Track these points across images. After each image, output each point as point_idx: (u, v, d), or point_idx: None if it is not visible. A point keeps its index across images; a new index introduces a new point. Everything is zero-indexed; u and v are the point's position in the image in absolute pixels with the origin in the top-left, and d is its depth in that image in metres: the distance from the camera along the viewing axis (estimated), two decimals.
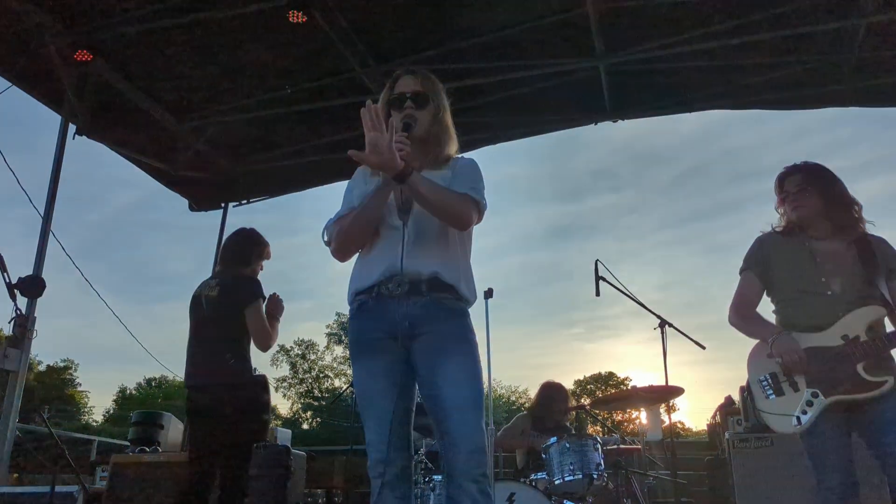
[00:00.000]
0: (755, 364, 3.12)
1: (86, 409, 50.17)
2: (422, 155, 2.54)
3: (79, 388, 51.13)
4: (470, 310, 2.54)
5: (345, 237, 2.48)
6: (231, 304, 4.21)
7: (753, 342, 3.18)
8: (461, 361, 2.35)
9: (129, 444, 6.75)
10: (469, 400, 2.31)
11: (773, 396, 3.00)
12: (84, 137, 5.87)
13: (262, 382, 4.25)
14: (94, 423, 43.73)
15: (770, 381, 3.03)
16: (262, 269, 4.50)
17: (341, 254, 2.52)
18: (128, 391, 50.05)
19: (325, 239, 2.54)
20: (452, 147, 2.63)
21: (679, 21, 5.62)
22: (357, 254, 2.56)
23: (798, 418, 2.90)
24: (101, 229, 68.99)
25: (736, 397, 5.45)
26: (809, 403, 2.90)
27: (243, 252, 4.44)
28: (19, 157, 5.45)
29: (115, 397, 50.13)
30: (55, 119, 5.66)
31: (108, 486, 5.27)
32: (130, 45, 5.58)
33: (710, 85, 6.38)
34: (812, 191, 3.17)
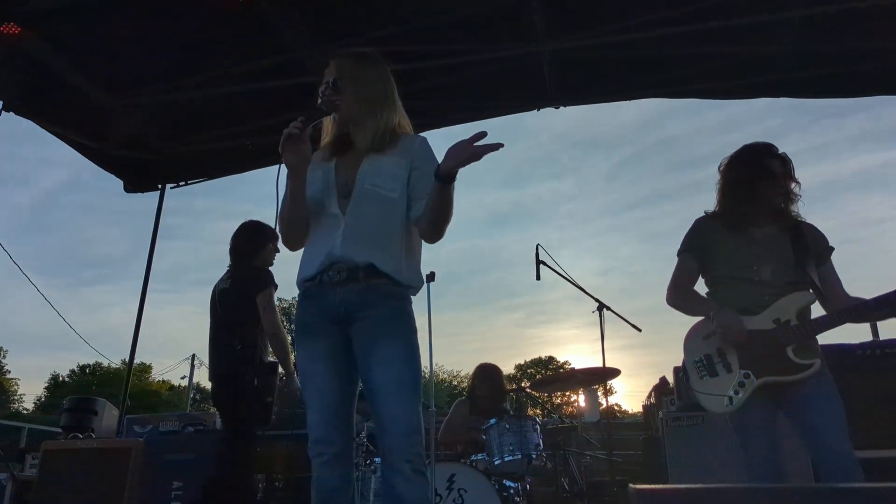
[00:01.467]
0: (691, 346, 3.20)
1: (15, 397, 48.55)
2: (363, 134, 2.54)
3: (7, 376, 49.42)
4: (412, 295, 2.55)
5: (280, 228, 2.56)
6: (242, 294, 4.47)
7: (688, 325, 3.29)
8: (395, 344, 2.37)
9: (60, 430, 6.58)
10: (402, 382, 2.33)
11: (708, 377, 3.10)
12: (11, 114, 5.64)
13: (267, 367, 4.52)
14: (25, 412, 42.35)
15: (705, 362, 3.12)
16: (273, 259, 4.75)
17: (288, 245, 2.59)
18: (60, 378, 48.55)
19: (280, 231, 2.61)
20: (392, 117, 2.59)
21: (622, 9, 5.70)
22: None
23: (730, 398, 3.00)
24: (29, 211, 66.52)
25: (670, 379, 5.61)
26: (741, 384, 3.00)
27: (248, 245, 4.70)
28: None
29: (46, 384, 48.60)
30: None
31: (38, 473, 5.14)
32: (62, 19, 5.36)
33: (649, 73, 6.49)
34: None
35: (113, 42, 5.81)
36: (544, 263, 5.03)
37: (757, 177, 3.21)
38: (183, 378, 39.06)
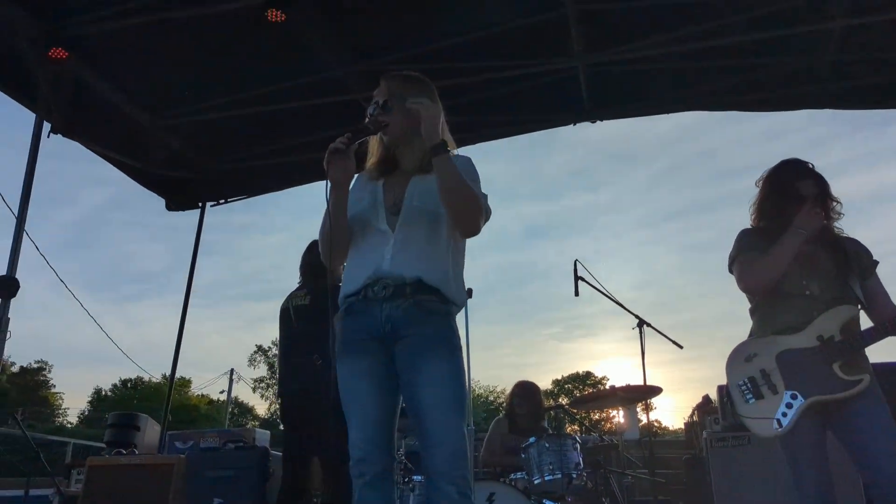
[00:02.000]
0: (734, 368, 3.11)
1: (60, 411, 49.57)
2: (411, 155, 2.58)
3: (53, 390, 50.51)
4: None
5: (322, 249, 2.55)
6: (323, 310, 4.41)
7: (731, 341, 3.22)
8: (441, 363, 2.34)
9: (104, 446, 6.68)
10: (448, 400, 2.30)
11: (753, 400, 3.01)
12: (59, 136, 5.78)
13: None
14: (69, 426, 43.19)
15: (749, 385, 3.03)
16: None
17: (328, 263, 2.57)
18: (103, 392, 49.47)
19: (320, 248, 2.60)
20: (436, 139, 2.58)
21: (658, 22, 5.66)
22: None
23: (778, 421, 2.91)
24: (74, 228, 68.21)
25: (713, 396, 5.50)
26: (789, 405, 2.92)
27: (321, 265, 4.76)
28: None
29: (90, 399, 49.55)
30: (27, 116, 5.58)
31: (83, 489, 5.22)
32: (106, 43, 5.50)
33: (687, 86, 6.42)
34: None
35: (153, 63, 5.94)
36: (582, 279, 4.99)
37: (787, 202, 3.15)
38: (221, 392, 39.54)
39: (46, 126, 5.60)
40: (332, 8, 5.43)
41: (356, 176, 2.62)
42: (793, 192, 3.15)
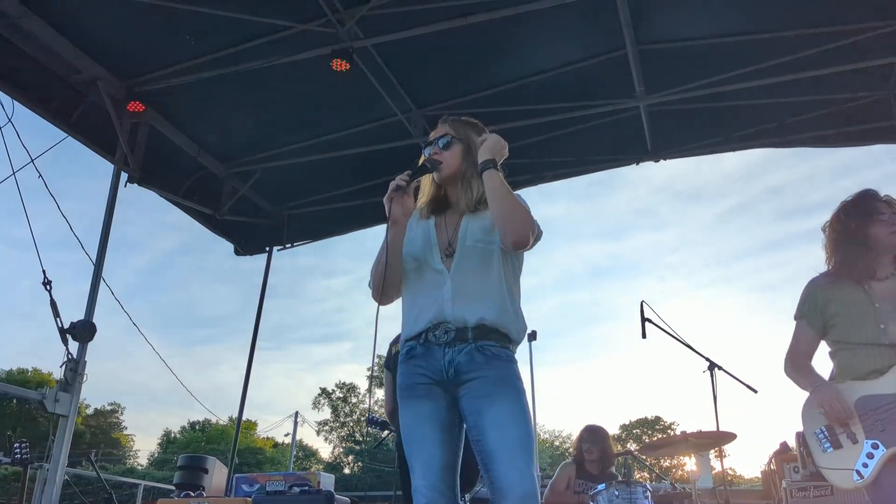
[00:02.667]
0: (809, 416, 2.98)
1: (131, 453, 50.70)
2: (460, 194, 2.57)
3: (125, 432, 51.81)
4: (516, 353, 2.51)
5: (373, 283, 2.53)
6: None
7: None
8: (507, 406, 2.30)
9: (173, 488, 6.78)
10: (516, 444, 2.25)
11: (831, 450, 2.85)
12: (134, 185, 6.03)
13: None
14: (140, 467, 44.10)
15: (826, 433, 2.89)
16: None
17: (377, 298, 2.54)
18: (172, 434, 50.45)
19: (369, 284, 2.58)
20: None
21: (720, 60, 5.62)
22: (405, 294, 2.57)
23: (858, 472, 2.75)
24: (146, 273, 70.42)
25: (791, 443, 5.26)
26: (870, 455, 2.75)
27: None
28: (67, 204, 5.61)
29: (159, 440, 50.58)
30: (104, 165, 5.83)
31: None
32: (180, 95, 5.77)
33: (751, 123, 6.33)
34: None
35: (224, 114, 6.21)
36: (649, 320, 4.86)
37: (868, 221, 3.01)
38: (286, 435, 39.85)
39: (123, 176, 5.85)
40: (394, 56, 5.57)
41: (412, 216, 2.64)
42: (874, 212, 3.01)
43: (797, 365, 3.10)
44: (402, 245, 2.51)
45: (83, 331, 5.06)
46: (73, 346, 5.12)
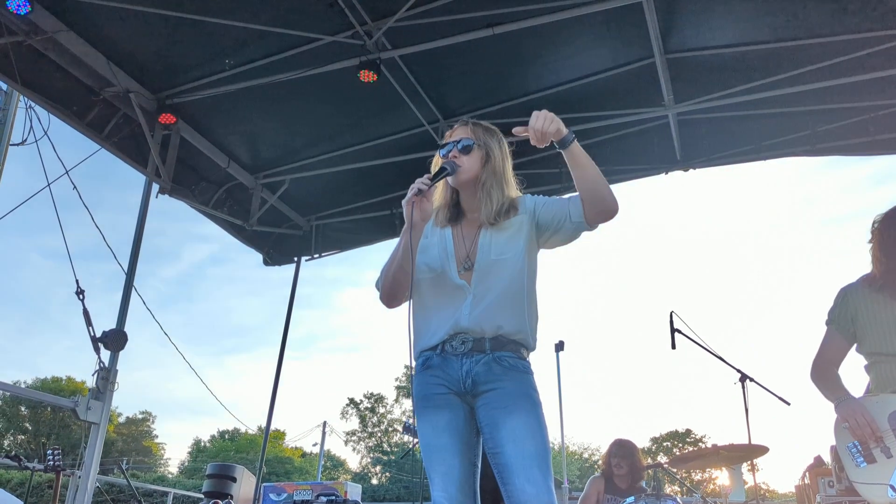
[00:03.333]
0: (841, 430, 2.90)
1: (162, 461, 51.24)
2: (476, 202, 2.52)
3: (156, 440, 52.39)
4: (540, 364, 2.51)
5: (383, 286, 2.50)
6: None
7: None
8: (524, 418, 2.30)
9: (203, 496, 6.83)
10: (533, 458, 2.24)
11: (865, 464, 2.78)
12: (165, 196, 6.11)
13: None
14: (170, 475, 44.52)
15: (860, 447, 2.81)
16: None
17: (386, 302, 2.53)
18: (202, 443, 50.92)
19: (377, 285, 2.55)
20: (511, 191, 2.57)
21: (748, 68, 5.56)
22: (419, 305, 2.53)
23: (893, 488, 2.67)
24: (177, 283, 71.34)
25: (826, 457, 5.15)
26: None
27: None
28: (99, 215, 5.72)
29: (189, 449, 51.06)
30: (136, 177, 5.93)
31: None
32: (209, 107, 5.85)
33: (782, 132, 6.24)
34: None
35: (253, 125, 6.28)
36: (679, 331, 4.81)
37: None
38: (314, 445, 39.99)
39: (154, 187, 5.94)
40: (421, 67, 5.60)
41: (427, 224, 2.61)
42: None
43: (823, 373, 3.05)
44: (417, 248, 2.44)
45: (115, 340, 5.14)
46: (105, 354, 5.20)
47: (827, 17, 5.16)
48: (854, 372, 3.13)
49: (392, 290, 2.48)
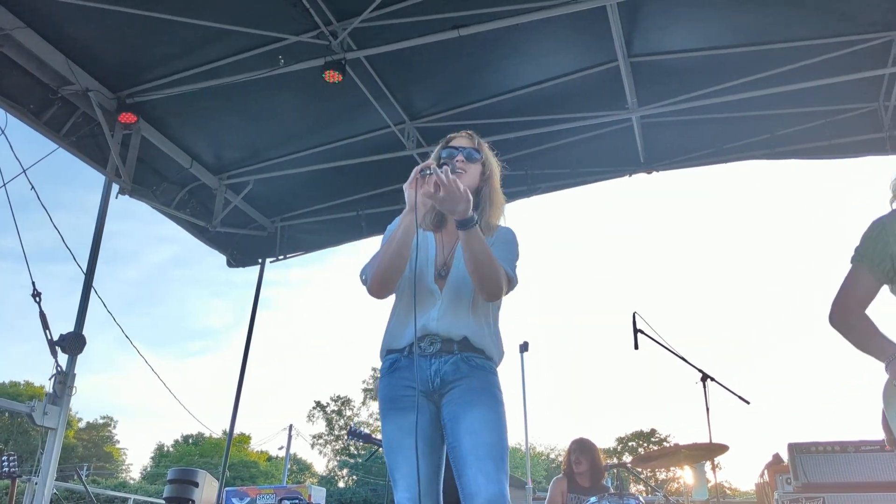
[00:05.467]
0: (893, 395, 2.42)
1: (123, 467, 50.37)
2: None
3: (117, 445, 51.48)
4: (503, 365, 2.54)
5: (378, 269, 2.44)
6: None
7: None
8: (484, 412, 2.34)
9: (164, 502, 6.74)
10: (488, 449, 2.27)
11: None
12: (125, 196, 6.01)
13: None
14: (132, 481, 43.77)
15: None
16: None
17: (376, 290, 2.47)
18: (165, 448, 50.14)
19: (363, 278, 2.52)
20: (498, 215, 2.62)
21: (711, 72, 5.65)
22: (391, 307, 2.57)
23: None
24: (138, 285, 70.20)
25: (784, 454, 5.25)
26: None
27: None
28: (57, 215, 5.59)
29: (152, 454, 50.26)
30: (96, 177, 5.82)
31: None
32: (171, 107, 5.77)
33: (742, 135, 6.36)
34: None
35: (216, 125, 6.21)
36: (641, 332, 4.87)
37: None
38: (280, 449, 39.62)
39: (115, 187, 5.83)
40: (387, 67, 5.59)
41: (398, 218, 2.57)
42: None
43: (853, 319, 2.53)
44: (415, 232, 2.38)
45: (72, 343, 5.04)
46: (63, 358, 5.09)
47: (786, 22, 5.27)
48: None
49: (387, 276, 2.43)
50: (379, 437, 3.21)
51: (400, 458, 2.35)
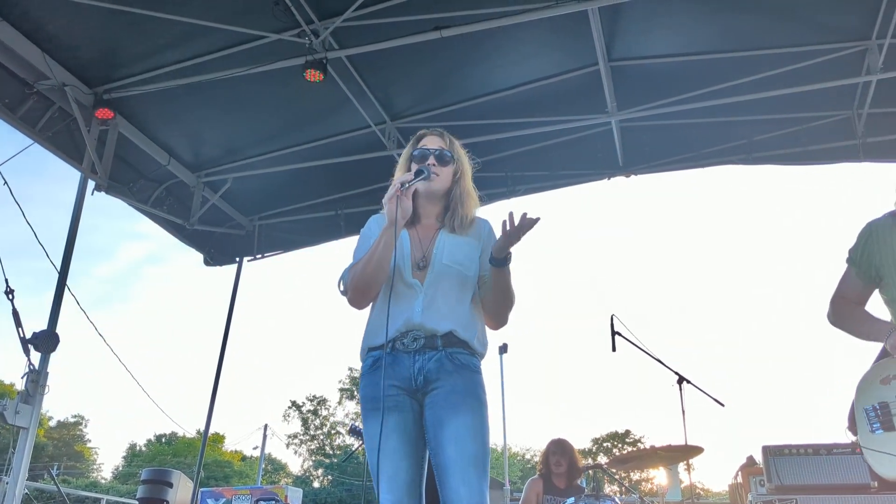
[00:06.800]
0: (865, 390, 2.52)
1: (95, 466, 49.71)
2: (444, 213, 2.58)
3: (88, 445, 50.79)
4: (484, 365, 2.53)
5: (358, 283, 2.46)
6: None
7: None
8: (469, 419, 2.32)
9: (137, 502, 6.66)
10: (471, 460, 2.27)
11: (880, 431, 2.43)
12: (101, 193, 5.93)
13: None
14: (104, 481, 43.24)
15: (879, 411, 2.46)
16: None
17: (356, 301, 2.50)
18: (137, 448, 49.57)
19: (341, 288, 2.53)
20: (473, 208, 2.65)
21: (689, 77, 5.71)
22: (370, 305, 2.55)
23: None
24: (112, 282, 69.41)
25: (758, 456, 5.31)
26: None
27: None
28: (31, 211, 5.50)
29: (124, 454, 49.66)
30: (71, 173, 5.73)
31: None
32: (149, 103, 5.70)
33: (720, 140, 6.43)
34: None
35: (195, 122, 6.15)
36: (619, 334, 4.90)
37: None
38: (255, 448, 39.33)
39: (90, 184, 5.76)
40: (368, 67, 5.58)
41: (372, 218, 2.65)
42: None
43: (842, 311, 2.64)
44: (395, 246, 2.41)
45: (45, 341, 4.96)
46: (36, 356, 5.01)
47: (764, 30, 5.35)
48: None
49: (366, 288, 2.46)
50: None
51: (383, 459, 2.32)
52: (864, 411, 2.49)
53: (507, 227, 2.30)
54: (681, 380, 4.71)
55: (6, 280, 4.83)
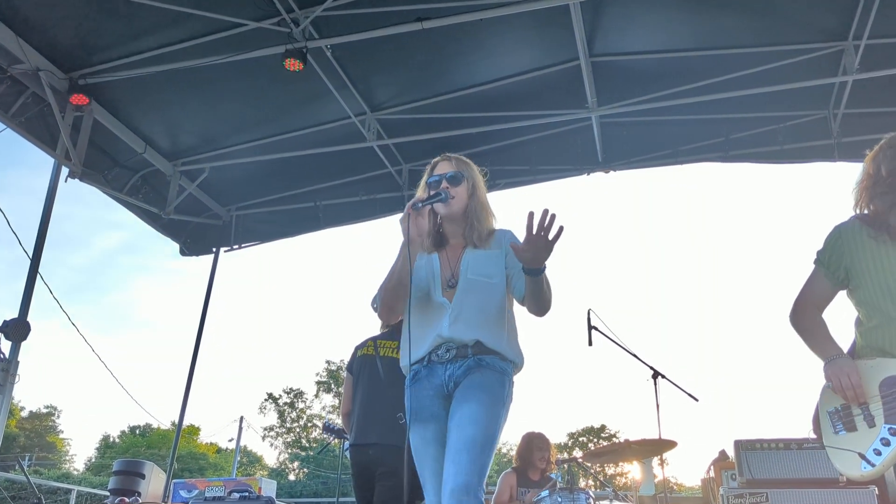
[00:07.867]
0: (828, 393, 2.57)
1: (67, 458, 49.16)
2: (465, 231, 2.74)
3: (61, 436, 50.19)
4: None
5: (384, 299, 2.70)
6: None
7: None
8: (474, 407, 2.47)
9: (108, 493, 6.60)
10: (466, 442, 2.39)
11: (843, 432, 2.47)
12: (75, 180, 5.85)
13: None
14: (76, 472, 42.75)
15: (842, 412, 2.50)
16: None
17: (385, 316, 2.78)
18: (111, 439, 49.07)
19: (374, 307, 2.78)
20: (492, 221, 2.81)
21: (669, 74, 5.74)
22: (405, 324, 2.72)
23: (867, 459, 2.37)
24: (86, 271, 68.48)
25: (730, 451, 5.37)
26: (885, 442, 2.36)
27: None
28: (4, 198, 5.42)
29: (97, 445, 49.16)
30: (45, 160, 5.65)
31: None
32: (126, 90, 5.63)
33: (698, 138, 6.48)
34: None
35: (171, 110, 6.07)
36: (596, 329, 4.92)
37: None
38: (230, 441, 39.10)
39: (64, 171, 5.67)
40: (349, 58, 5.54)
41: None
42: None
43: (809, 320, 2.67)
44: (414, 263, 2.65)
45: (16, 330, 4.90)
46: (6, 345, 4.95)
47: (743, 29, 5.39)
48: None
49: (391, 303, 2.69)
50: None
51: (426, 466, 2.57)
52: (828, 413, 2.56)
53: (534, 231, 2.36)
54: (655, 374, 4.74)
55: None
